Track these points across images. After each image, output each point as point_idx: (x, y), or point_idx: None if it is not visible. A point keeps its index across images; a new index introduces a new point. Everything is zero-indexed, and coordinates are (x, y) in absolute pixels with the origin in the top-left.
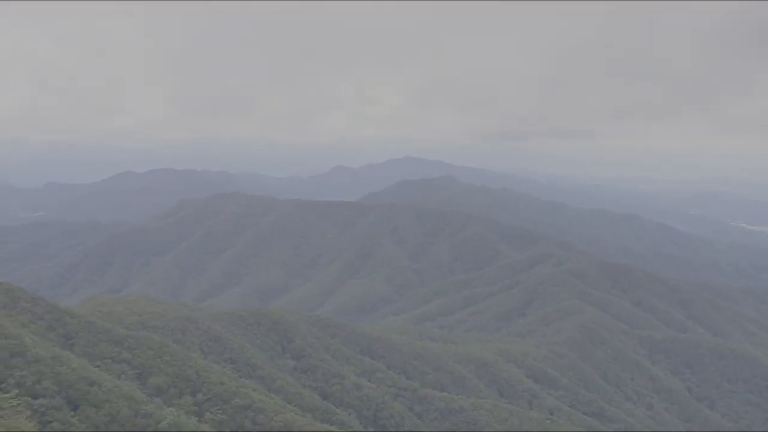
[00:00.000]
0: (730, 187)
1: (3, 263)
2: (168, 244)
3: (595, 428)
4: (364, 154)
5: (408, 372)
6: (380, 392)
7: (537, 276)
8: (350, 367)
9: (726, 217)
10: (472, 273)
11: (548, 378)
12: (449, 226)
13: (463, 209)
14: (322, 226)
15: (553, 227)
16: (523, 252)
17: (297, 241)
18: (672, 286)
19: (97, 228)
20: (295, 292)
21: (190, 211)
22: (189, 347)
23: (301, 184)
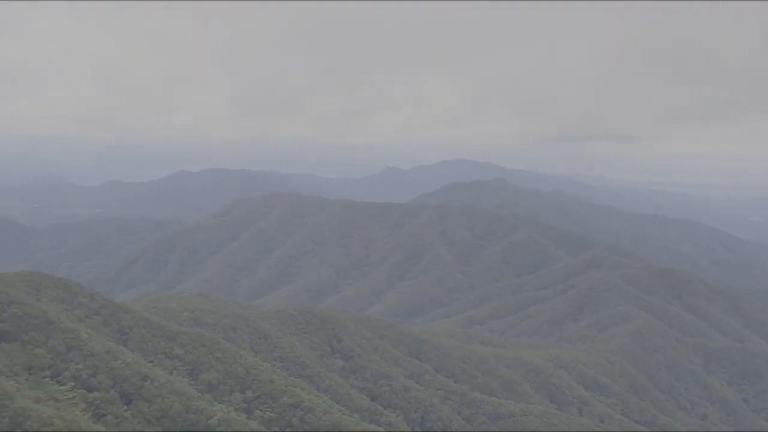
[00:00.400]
0: None
1: (63, 259)
2: (221, 243)
3: None
4: (416, 156)
5: (456, 375)
6: (428, 395)
7: (589, 281)
8: (399, 368)
9: None
10: (523, 277)
11: (599, 385)
12: (500, 229)
13: (515, 212)
14: (372, 226)
15: (607, 231)
16: (575, 256)
17: (347, 242)
18: (728, 293)
19: (154, 226)
20: (345, 292)
21: (243, 210)
22: (240, 345)
23: (352, 184)
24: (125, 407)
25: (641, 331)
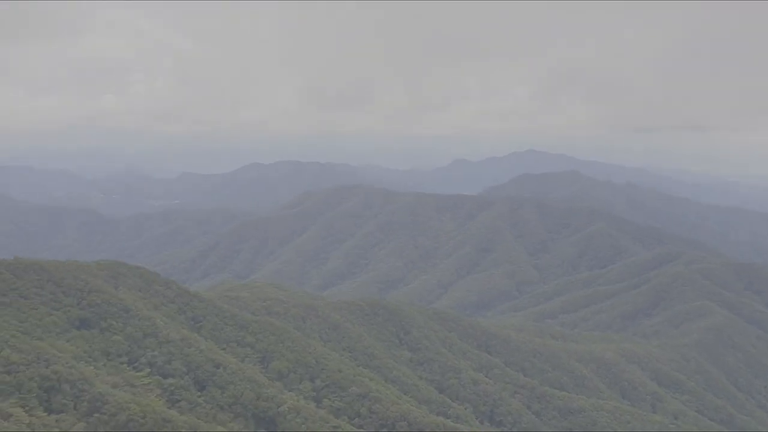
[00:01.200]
0: None
1: (141, 248)
2: (292, 234)
3: None
4: (486, 147)
5: (526, 369)
6: (497, 388)
7: (665, 275)
8: (467, 361)
9: None
10: (596, 270)
11: (674, 381)
12: (573, 222)
13: (588, 205)
14: (442, 219)
15: (683, 225)
16: (650, 250)
17: (416, 234)
18: None
19: (227, 217)
20: (413, 284)
21: (313, 202)
22: (309, 334)
23: (421, 176)
24: (198, 393)
25: (718, 327)
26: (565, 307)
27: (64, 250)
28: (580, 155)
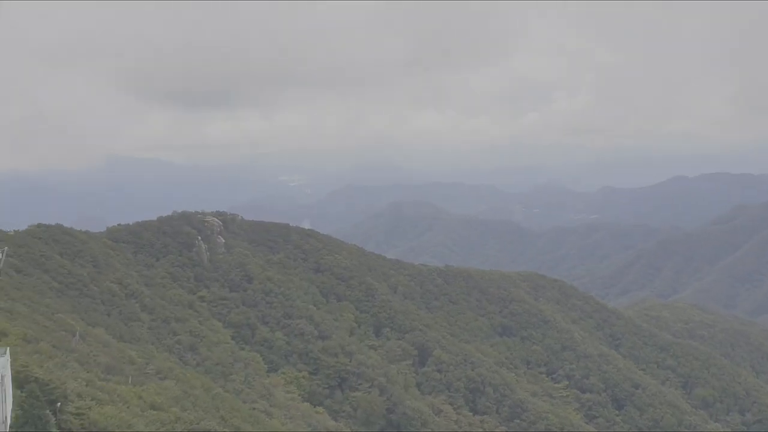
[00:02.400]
0: None
1: (559, 261)
2: (721, 252)
3: None
4: None
5: None
6: None
7: None
8: None
9: None
10: None
11: None
12: None
13: None
14: None
15: None
16: None
17: None
18: None
19: (649, 232)
20: None
21: (745, 218)
22: (738, 362)
23: None
24: (616, 412)
25: None
26: None
27: (487, 259)
28: None
